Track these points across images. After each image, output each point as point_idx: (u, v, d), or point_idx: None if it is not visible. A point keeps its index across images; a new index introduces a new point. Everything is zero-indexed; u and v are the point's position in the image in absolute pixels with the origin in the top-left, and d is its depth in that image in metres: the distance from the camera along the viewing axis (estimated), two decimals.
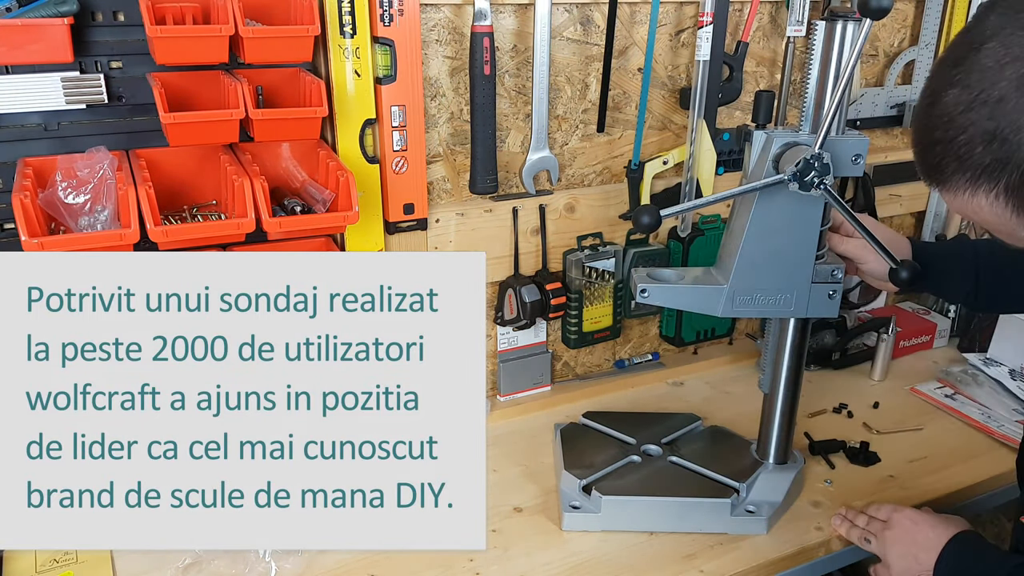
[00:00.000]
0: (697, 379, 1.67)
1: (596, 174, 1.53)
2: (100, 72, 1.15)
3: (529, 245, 1.47)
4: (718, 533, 1.20)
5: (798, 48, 1.54)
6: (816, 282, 1.14)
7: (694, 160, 1.48)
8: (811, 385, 1.59)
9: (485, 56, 1.26)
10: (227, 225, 1.08)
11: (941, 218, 1.89)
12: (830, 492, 1.31)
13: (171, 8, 1.11)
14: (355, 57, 1.19)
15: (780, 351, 1.24)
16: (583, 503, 1.22)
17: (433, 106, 1.34)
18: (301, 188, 1.22)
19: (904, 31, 1.75)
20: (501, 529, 1.22)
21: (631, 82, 1.49)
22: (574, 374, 1.64)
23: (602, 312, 1.55)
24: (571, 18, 1.40)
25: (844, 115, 1.09)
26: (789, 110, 1.60)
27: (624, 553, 1.17)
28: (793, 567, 1.19)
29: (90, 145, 1.12)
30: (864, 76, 1.74)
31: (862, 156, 1.08)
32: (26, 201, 0.99)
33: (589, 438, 1.38)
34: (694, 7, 1.48)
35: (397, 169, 1.27)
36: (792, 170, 1.04)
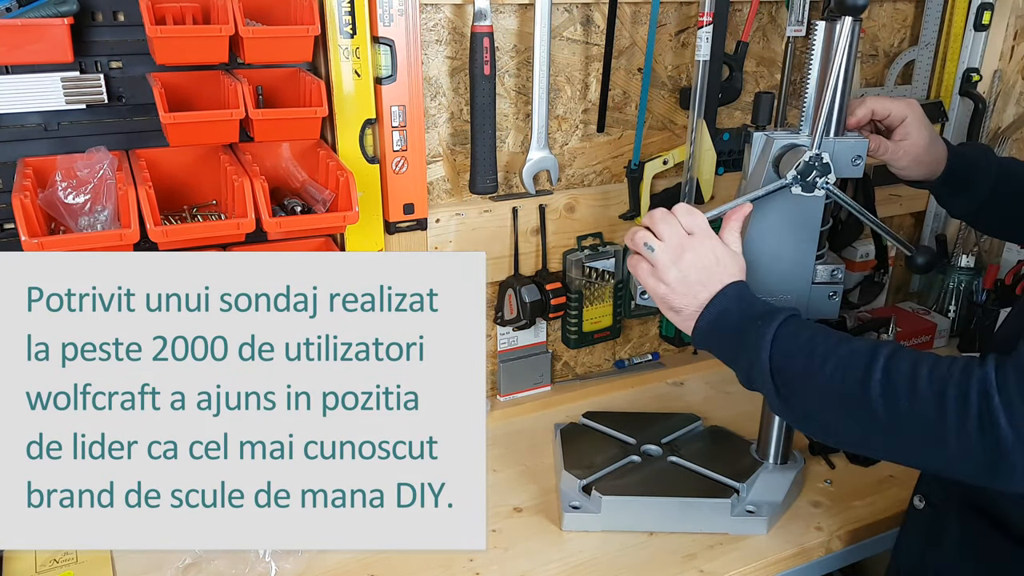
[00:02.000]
0: (697, 379, 1.68)
1: (596, 174, 1.53)
2: (100, 72, 1.15)
3: (529, 245, 1.47)
4: (718, 533, 1.20)
5: (798, 48, 1.54)
6: (816, 283, 1.14)
7: (694, 160, 1.48)
8: None
9: (485, 56, 1.26)
10: (227, 225, 1.08)
11: (941, 218, 1.89)
12: (830, 492, 1.31)
13: (171, 8, 1.11)
14: (355, 57, 1.19)
15: None
16: (583, 503, 1.22)
17: (433, 106, 1.34)
18: (301, 188, 1.22)
19: (904, 31, 1.75)
20: (501, 529, 1.22)
21: (631, 82, 1.49)
22: (574, 374, 1.64)
23: (602, 312, 1.55)
24: (571, 18, 1.40)
25: (844, 116, 1.09)
26: (789, 110, 1.60)
27: (624, 553, 1.17)
28: (793, 567, 1.19)
29: (90, 145, 1.12)
30: (864, 76, 1.74)
31: (862, 157, 1.08)
32: (26, 201, 0.99)
33: (589, 438, 1.38)
34: (694, 7, 1.48)
35: (397, 169, 1.27)
36: (793, 173, 1.05)
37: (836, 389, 0.88)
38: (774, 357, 0.93)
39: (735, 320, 0.98)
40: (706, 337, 1.01)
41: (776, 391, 0.93)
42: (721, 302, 0.99)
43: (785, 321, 0.94)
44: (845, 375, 0.87)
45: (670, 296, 1.02)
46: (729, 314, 0.98)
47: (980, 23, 1.70)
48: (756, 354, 0.94)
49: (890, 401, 0.83)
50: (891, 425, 0.84)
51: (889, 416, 0.83)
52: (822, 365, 0.89)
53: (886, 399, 0.83)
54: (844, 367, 0.87)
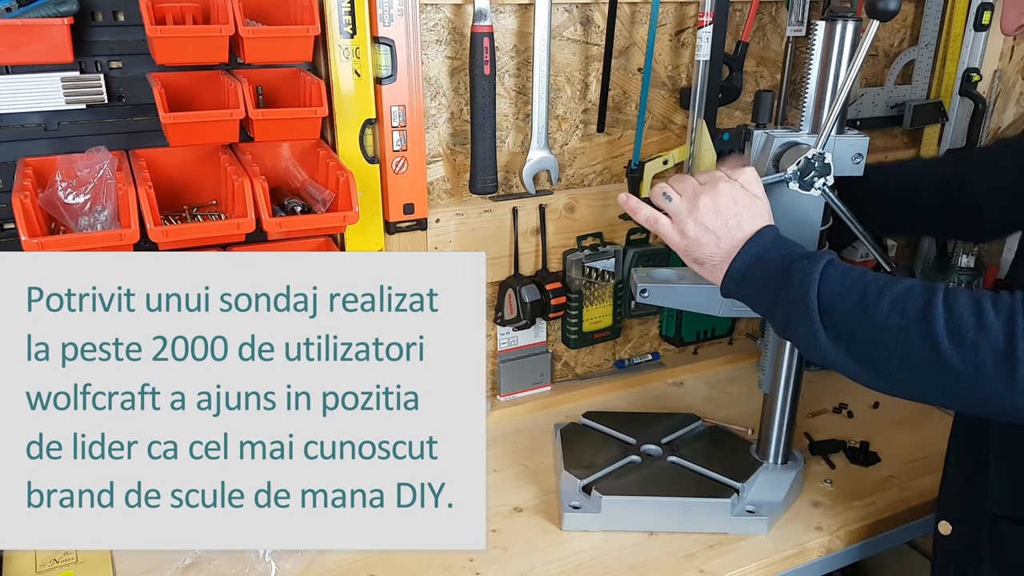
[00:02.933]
0: (697, 379, 1.67)
1: (596, 174, 1.53)
2: (100, 72, 1.15)
3: (529, 245, 1.47)
4: (718, 533, 1.20)
5: (798, 48, 1.54)
6: None
7: (694, 160, 1.48)
8: (811, 385, 1.58)
9: (485, 56, 1.26)
10: (227, 225, 1.08)
11: None
12: (830, 492, 1.31)
13: (171, 8, 1.11)
14: (355, 57, 1.19)
15: (780, 351, 1.24)
16: (583, 503, 1.22)
17: (433, 106, 1.34)
18: (301, 188, 1.22)
19: (904, 31, 1.75)
20: (501, 529, 1.22)
21: (631, 82, 1.49)
22: (574, 374, 1.65)
23: (602, 312, 1.55)
24: (571, 18, 1.40)
25: (844, 115, 1.09)
26: (789, 110, 1.60)
27: (624, 553, 1.17)
28: (793, 567, 1.19)
29: (90, 145, 1.12)
30: (864, 76, 1.74)
31: (863, 155, 1.08)
32: (26, 201, 0.99)
33: (589, 438, 1.38)
34: (694, 7, 1.48)
35: (397, 169, 1.27)
36: (794, 169, 1.04)
37: (895, 325, 0.85)
38: (822, 296, 0.89)
39: (774, 261, 0.95)
40: (740, 283, 0.98)
41: (825, 331, 0.89)
42: (757, 244, 0.96)
43: (831, 261, 0.92)
44: (904, 310, 0.84)
45: (692, 248, 1.00)
46: (767, 256, 0.96)
47: (980, 23, 1.70)
48: (803, 293, 0.90)
49: (956, 334, 0.81)
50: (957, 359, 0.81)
51: (956, 348, 0.81)
52: (877, 302, 0.86)
53: (951, 332, 0.81)
54: (902, 303, 0.84)
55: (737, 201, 0.99)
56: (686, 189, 1.01)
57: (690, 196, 1.00)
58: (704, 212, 0.99)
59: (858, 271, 0.91)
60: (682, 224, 1.00)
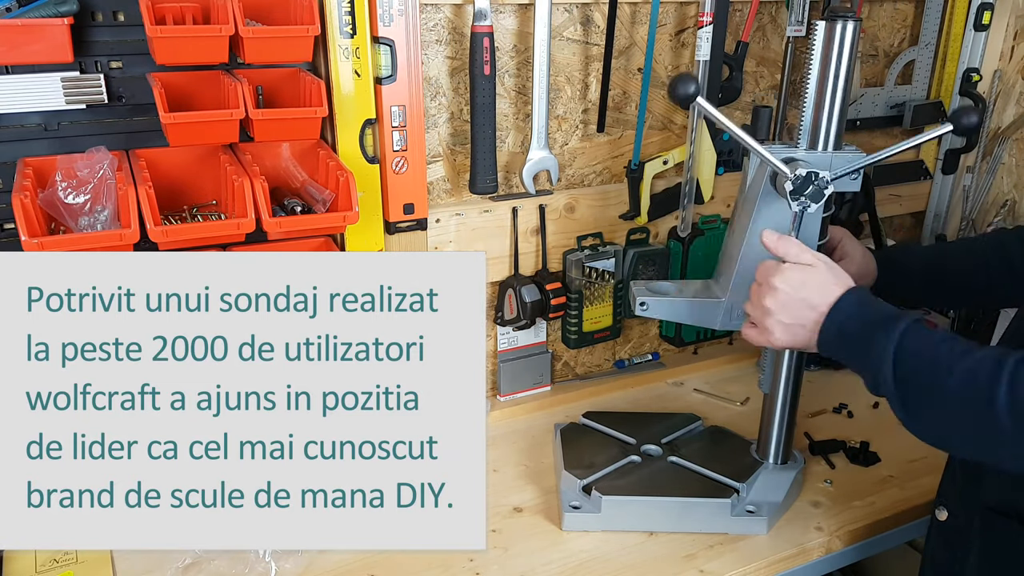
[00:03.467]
0: (697, 379, 1.67)
1: (596, 174, 1.53)
2: (100, 72, 1.15)
3: (529, 245, 1.47)
4: (718, 533, 1.20)
5: (798, 48, 1.54)
6: None
7: (694, 160, 1.48)
8: (811, 385, 1.59)
9: (485, 56, 1.26)
10: (227, 225, 1.08)
11: (941, 218, 1.89)
12: (830, 492, 1.31)
13: (171, 8, 1.11)
14: (355, 57, 1.19)
15: (780, 351, 1.24)
16: (583, 503, 1.22)
17: (433, 106, 1.34)
18: (301, 188, 1.22)
19: (904, 31, 1.75)
20: (501, 529, 1.22)
21: (631, 82, 1.49)
22: (574, 374, 1.65)
23: (602, 312, 1.55)
24: (571, 18, 1.40)
25: (842, 130, 1.10)
26: (789, 110, 1.60)
27: (624, 553, 1.17)
28: (793, 567, 1.19)
29: (90, 145, 1.12)
30: (864, 76, 1.74)
31: (860, 171, 1.08)
32: (26, 201, 0.99)
33: (589, 438, 1.38)
34: (694, 7, 1.48)
35: (397, 169, 1.27)
36: (790, 187, 1.05)
37: (961, 401, 0.86)
38: (898, 370, 0.91)
39: (853, 335, 0.97)
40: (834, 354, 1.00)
41: (903, 404, 0.91)
42: (832, 319, 0.98)
43: (905, 331, 0.92)
44: (970, 387, 0.85)
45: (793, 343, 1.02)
46: (848, 327, 0.97)
47: (980, 23, 1.70)
48: (879, 365, 0.92)
49: (1017, 410, 0.82)
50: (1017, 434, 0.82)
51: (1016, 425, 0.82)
52: (947, 377, 0.87)
53: (1013, 408, 0.82)
54: (970, 378, 0.86)
55: (795, 286, 1.00)
56: (751, 297, 1.05)
57: (756, 303, 1.03)
58: (776, 312, 1.01)
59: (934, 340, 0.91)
60: (768, 334, 1.03)
